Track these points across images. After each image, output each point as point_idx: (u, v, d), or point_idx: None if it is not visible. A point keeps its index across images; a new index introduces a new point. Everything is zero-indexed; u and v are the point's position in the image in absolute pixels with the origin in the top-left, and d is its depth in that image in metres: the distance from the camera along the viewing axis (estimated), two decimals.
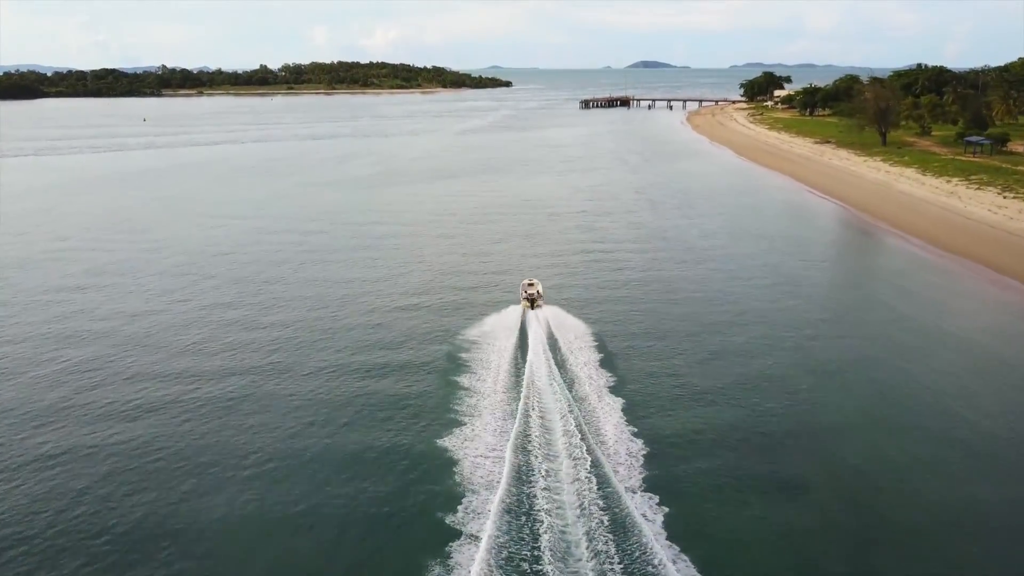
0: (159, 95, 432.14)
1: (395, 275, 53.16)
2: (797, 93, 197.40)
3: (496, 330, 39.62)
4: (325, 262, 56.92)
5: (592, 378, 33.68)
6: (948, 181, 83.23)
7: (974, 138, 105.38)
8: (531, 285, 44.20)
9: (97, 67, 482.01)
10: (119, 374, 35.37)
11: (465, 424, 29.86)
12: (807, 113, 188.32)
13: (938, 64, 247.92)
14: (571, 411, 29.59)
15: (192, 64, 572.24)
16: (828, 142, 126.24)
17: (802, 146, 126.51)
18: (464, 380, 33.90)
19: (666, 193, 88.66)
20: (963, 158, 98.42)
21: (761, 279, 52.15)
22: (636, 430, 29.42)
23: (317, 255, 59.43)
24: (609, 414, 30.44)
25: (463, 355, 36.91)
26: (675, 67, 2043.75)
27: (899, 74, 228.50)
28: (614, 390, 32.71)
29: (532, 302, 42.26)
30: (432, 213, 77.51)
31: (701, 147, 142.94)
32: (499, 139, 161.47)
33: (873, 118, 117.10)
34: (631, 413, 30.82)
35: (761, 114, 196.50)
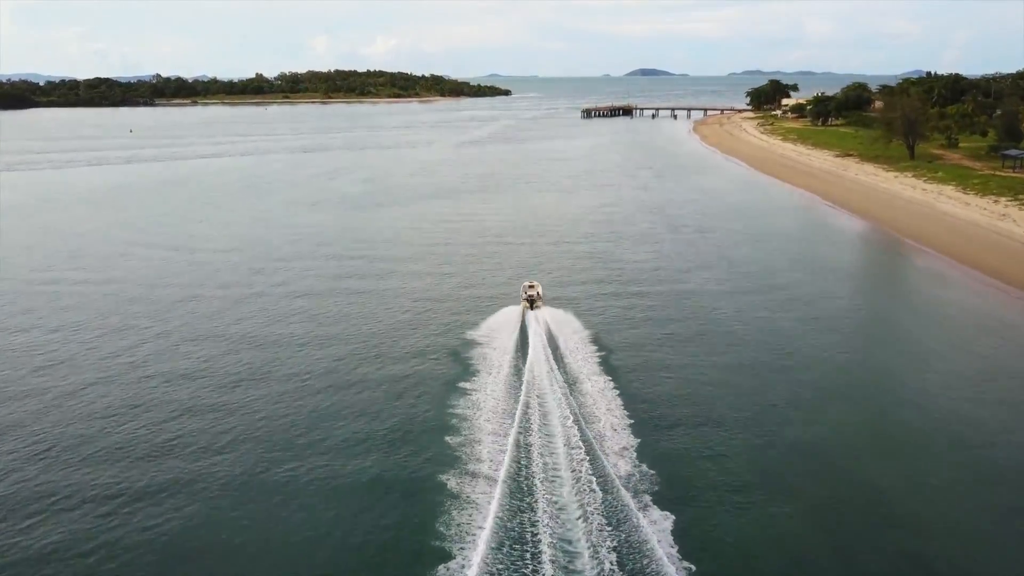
0: (152, 104, 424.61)
1: (378, 321, 45.27)
2: (809, 102, 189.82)
3: (498, 330, 41.56)
4: (305, 304, 48.98)
5: (589, 372, 35.81)
6: (996, 201, 75.52)
7: (1013, 151, 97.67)
8: (531, 287, 45.76)
9: (99, 76, 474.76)
10: (11, 498, 26.93)
11: (467, 415, 31.69)
12: (819, 123, 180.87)
13: (936, 71, 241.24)
14: (569, 404, 31.27)
15: (192, 73, 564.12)
16: (850, 155, 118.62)
17: (822, 159, 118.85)
18: (467, 376, 35.94)
19: (684, 214, 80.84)
20: (1003, 173, 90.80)
21: (803, 315, 44.40)
22: (633, 422, 31.01)
23: (297, 292, 51.61)
24: (606, 406, 32.26)
25: (468, 356, 38.61)
26: (674, 75, 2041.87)
27: (912, 82, 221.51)
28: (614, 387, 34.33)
29: (532, 303, 43.95)
30: (426, 241, 69.60)
31: (713, 160, 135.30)
32: (500, 152, 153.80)
33: (901, 130, 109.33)
34: (628, 406, 32.48)
35: (771, 124, 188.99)
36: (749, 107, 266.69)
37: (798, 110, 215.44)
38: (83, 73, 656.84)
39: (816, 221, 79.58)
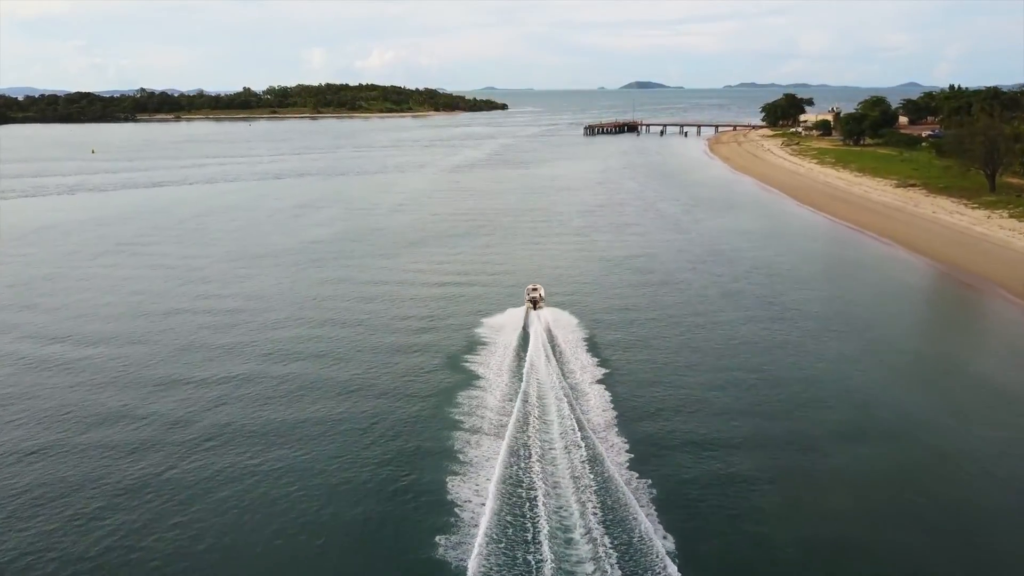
0: (134, 120, 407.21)
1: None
2: (843, 120, 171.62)
3: (503, 327, 45.37)
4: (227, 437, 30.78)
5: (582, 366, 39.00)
6: None
7: None
8: (534, 289, 48.78)
9: (97, 89, 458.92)
10: None
11: (472, 402, 34.77)
12: (852, 143, 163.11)
13: (931, 84, 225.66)
14: (563, 391, 34.27)
15: (189, 87, 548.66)
16: (911, 185, 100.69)
17: (879, 190, 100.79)
18: (473, 367, 39.54)
19: (738, 272, 62.45)
20: None
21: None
22: (620, 407, 34.42)
23: (209, 422, 33.27)
24: (596, 394, 35.52)
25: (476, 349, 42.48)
26: (669, 87, 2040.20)
27: (946, 96, 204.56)
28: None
29: (535, 304, 47.21)
30: (390, 336, 50.99)
31: (745, 189, 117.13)
32: (498, 178, 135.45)
33: (981, 157, 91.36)
34: (616, 394, 35.86)
35: (797, 143, 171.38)
36: (764, 123, 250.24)
37: (822, 127, 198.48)
38: (80, 87, 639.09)
39: (927, 289, 61.17)
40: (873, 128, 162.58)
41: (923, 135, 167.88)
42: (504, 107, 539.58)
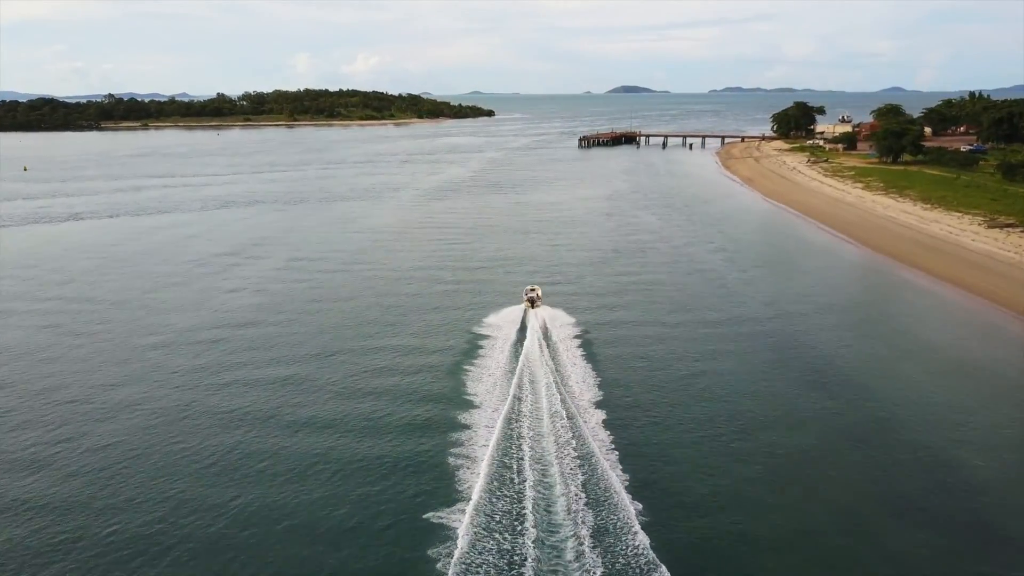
0: (97, 128, 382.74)
1: None
2: (879, 135, 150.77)
3: (503, 323, 50.55)
4: None
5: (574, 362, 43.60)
6: None
7: None
8: (532, 290, 54.00)
9: (81, 94, 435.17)
10: None
11: (472, 389, 40.00)
12: (889, 160, 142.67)
13: (914, 89, 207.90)
14: (553, 376, 39.83)
15: (174, 93, 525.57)
16: (1008, 225, 79.96)
17: (968, 231, 79.82)
18: (476, 356, 45.27)
19: (860, 405, 41.17)
20: None
21: None
22: (606, 395, 39.02)
23: None
24: (584, 382, 40.79)
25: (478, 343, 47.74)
26: (655, 92, 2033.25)
27: (986, 105, 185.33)
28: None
29: (532, 303, 52.39)
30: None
31: (789, 224, 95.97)
32: (486, 208, 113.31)
33: None
34: (604, 385, 40.51)
35: (825, 160, 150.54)
36: (775, 133, 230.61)
37: (846, 140, 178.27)
38: (62, 92, 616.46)
39: None
40: (914, 144, 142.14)
41: (961, 149, 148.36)
42: (491, 113, 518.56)
